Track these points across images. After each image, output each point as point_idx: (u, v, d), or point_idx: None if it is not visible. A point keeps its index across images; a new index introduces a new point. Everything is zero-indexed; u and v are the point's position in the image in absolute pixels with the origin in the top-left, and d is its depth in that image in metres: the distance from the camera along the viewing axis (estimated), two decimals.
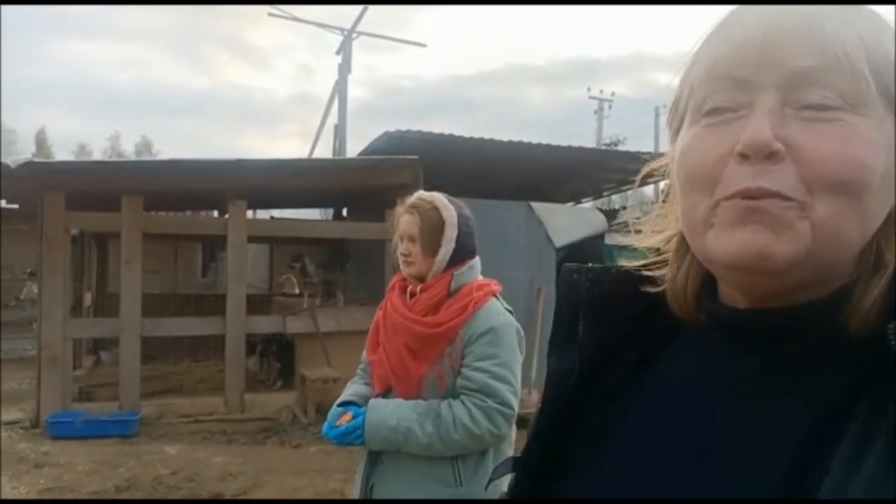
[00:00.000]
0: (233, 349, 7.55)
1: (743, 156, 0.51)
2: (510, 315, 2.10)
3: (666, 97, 0.61)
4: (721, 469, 0.53)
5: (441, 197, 2.16)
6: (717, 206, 0.53)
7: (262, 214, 11.18)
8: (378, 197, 7.39)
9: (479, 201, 6.45)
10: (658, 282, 0.65)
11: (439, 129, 7.92)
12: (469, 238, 2.14)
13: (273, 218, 11.18)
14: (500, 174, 9.49)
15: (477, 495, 1.98)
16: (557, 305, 0.70)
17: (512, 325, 2.08)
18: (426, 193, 2.19)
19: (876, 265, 0.53)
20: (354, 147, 12.23)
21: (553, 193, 10.63)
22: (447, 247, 2.09)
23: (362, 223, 8.53)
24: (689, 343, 0.63)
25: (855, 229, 0.51)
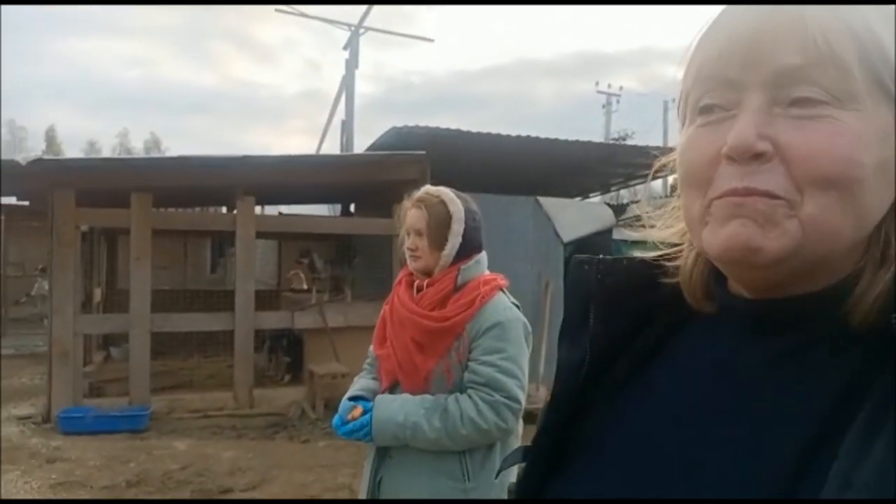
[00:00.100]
0: (242, 345, 7.58)
1: (730, 158, 0.52)
2: (517, 309, 2.10)
3: (674, 91, 0.62)
4: (729, 454, 0.54)
5: (448, 191, 2.15)
6: (711, 206, 0.54)
7: (271, 210, 11.21)
8: (385, 192, 7.39)
9: (487, 196, 6.44)
10: (670, 273, 0.66)
11: (447, 125, 7.94)
12: (476, 232, 2.14)
13: (281, 214, 11.21)
14: (508, 169, 9.48)
15: (484, 489, 1.98)
16: (568, 297, 0.70)
17: (519, 320, 2.07)
18: (433, 188, 2.18)
19: (883, 257, 0.53)
20: (362, 143, 12.22)
21: (561, 188, 10.61)
22: (454, 241, 2.08)
23: (370, 219, 8.56)
24: (699, 332, 0.64)
25: (848, 224, 0.51)
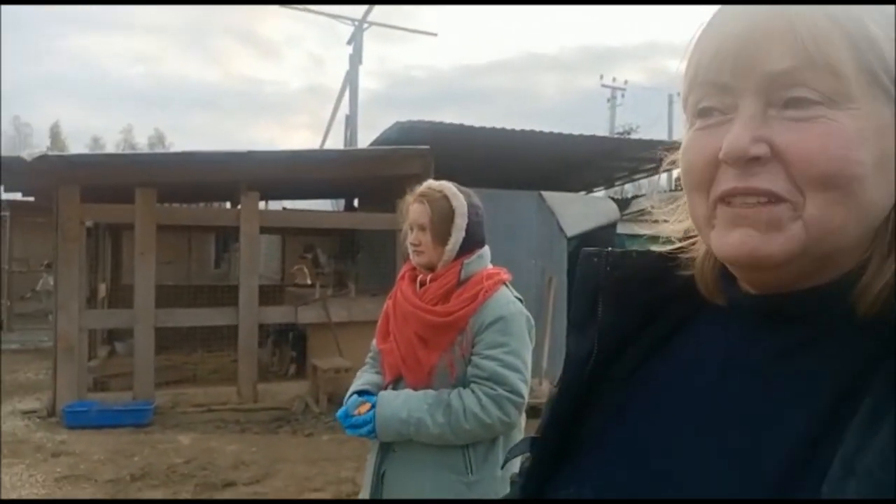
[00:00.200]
0: (245, 339, 7.59)
1: (727, 163, 0.53)
2: (520, 303, 2.10)
3: (679, 85, 0.62)
4: (737, 445, 0.54)
5: (450, 186, 2.15)
6: (716, 208, 0.56)
7: (275, 205, 11.22)
8: (389, 187, 7.38)
9: (491, 191, 6.43)
10: (683, 265, 0.67)
11: (451, 120, 7.92)
12: (479, 227, 2.13)
13: (285, 209, 11.21)
14: (512, 164, 9.46)
15: (487, 482, 1.99)
16: (576, 290, 0.70)
17: (522, 314, 2.07)
18: (435, 182, 2.18)
19: (890, 248, 0.53)
20: (366, 137, 12.23)
21: (565, 183, 10.58)
22: (457, 236, 2.08)
23: (373, 213, 8.54)
24: (709, 325, 0.64)
25: (851, 221, 0.52)
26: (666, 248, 0.69)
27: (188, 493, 4.93)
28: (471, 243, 2.11)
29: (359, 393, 2.12)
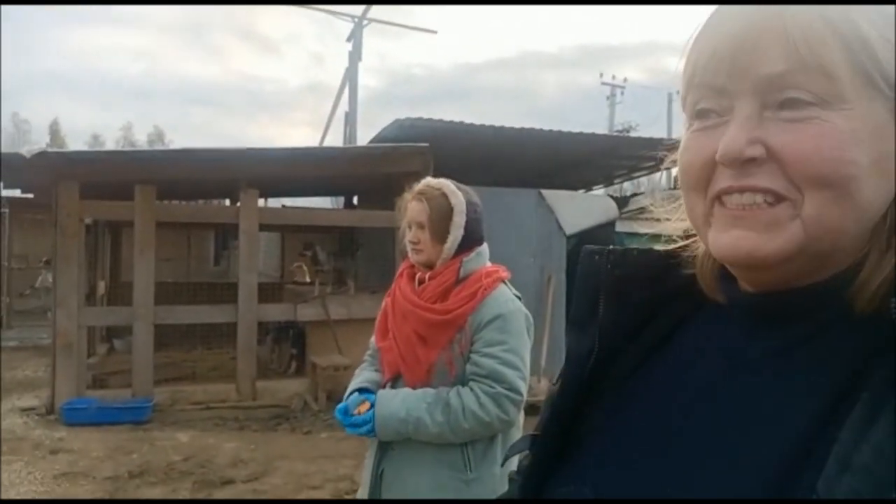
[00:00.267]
0: (245, 337, 7.59)
1: (723, 164, 0.54)
2: (519, 301, 2.10)
3: (678, 83, 0.63)
4: (736, 442, 0.55)
5: (449, 183, 2.15)
6: (713, 206, 0.57)
7: (274, 203, 11.21)
8: (388, 185, 7.37)
9: (490, 189, 6.43)
10: (685, 263, 0.67)
11: (450, 117, 7.89)
12: (477, 224, 2.13)
13: (284, 206, 11.20)
14: (511, 162, 9.45)
15: (486, 480, 1.99)
16: (577, 287, 0.71)
17: (521, 312, 2.07)
18: (434, 180, 2.17)
19: (888, 245, 0.54)
20: (365, 135, 12.21)
21: (564, 181, 10.58)
22: (456, 233, 2.08)
23: (373, 211, 8.53)
24: (709, 322, 0.65)
25: (848, 220, 0.53)
26: (667, 247, 0.69)
27: (186, 491, 4.94)
28: (469, 241, 2.10)
29: (358, 391, 2.11)
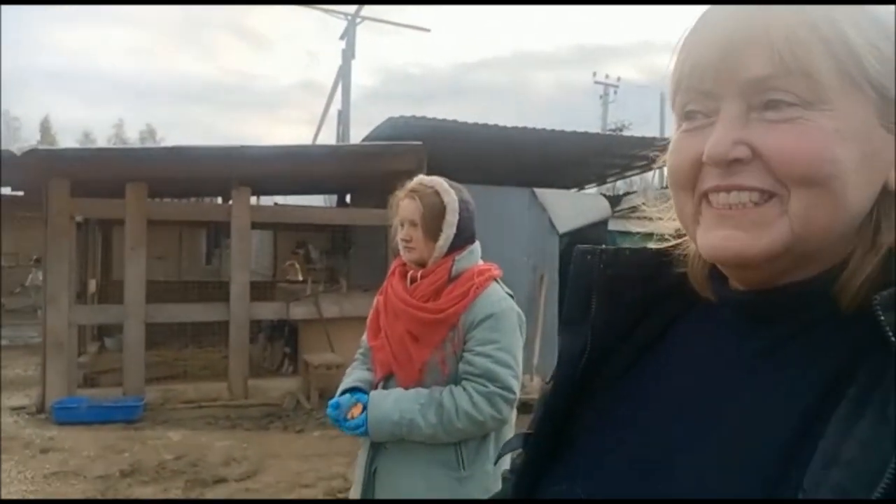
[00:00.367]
0: (236, 335, 7.57)
1: (709, 164, 0.56)
2: (511, 299, 2.09)
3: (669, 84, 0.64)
4: (726, 439, 0.55)
5: (441, 181, 2.14)
6: (701, 204, 0.58)
7: (266, 201, 11.18)
8: (382, 183, 7.33)
9: (483, 187, 6.43)
10: (677, 261, 0.68)
11: (444, 116, 7.89)
12: (469, 223, 2.13)
13: (277, 204, 11.18)
14: (504, 160, 9.45)
15: (479, 478, 1.99)
16: (570, 287, 0.71)
17: (513, 310, 2.07)
18: (426, 178, 2.17)
19: (873, 242, 0.55)
20: (359, 134, 12.19)
21: (557, 179, 10.59)
22: (448, 232, 2.07)
23: (366, 209, 8.52)
24: (700, 321, 0.66)
25: (834, 217, 0.54)
26: (659, 246, 0.70)
27: (178, 490, 4.92)
28: (461, 239, 2.10)
29: (350, 391, 2.11)
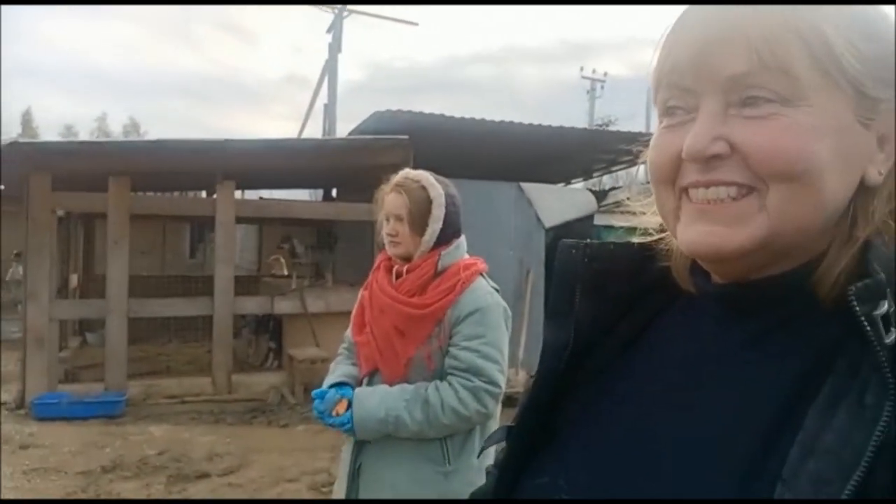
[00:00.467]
0: (220, 330, 7.52)
1: (688, 160, 0.57)
2: (497, 294, 2.09)
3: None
4: (707, 432, 0.56)
5: (427, 175, 2.12)
6: (681, 200, 0.59)
7: (251, 195, 11.11)
8: (368, 177, 7.30)
9: (470, 182, 6.41)
10: (660, 256, 0.69)
11: (431, 110, 7.86)
12: (456, 217, 2.11)
13: (262, 199, 11.11)
14: (491, 154, 9.45)
15: (464, 472, 1.98)
16: (555, 281, 0.71)
17: (499, 305, 2.06)
18: (412, 172, 2.15)
19: (850, 235, 0.56)
20: (345, 128, 12.12)
21: (543, 174, 10.60)
22: (435, 226, 2.06)
23: (351, 204, 8.48)
24: (682, 314, 0.66)
25: (812, 211, 0.55)
26: (643, 240, 0.70)
27: (160, 485, 4.88)
28: (448, 234, 2.09)
29: (336, 386, 2.08)
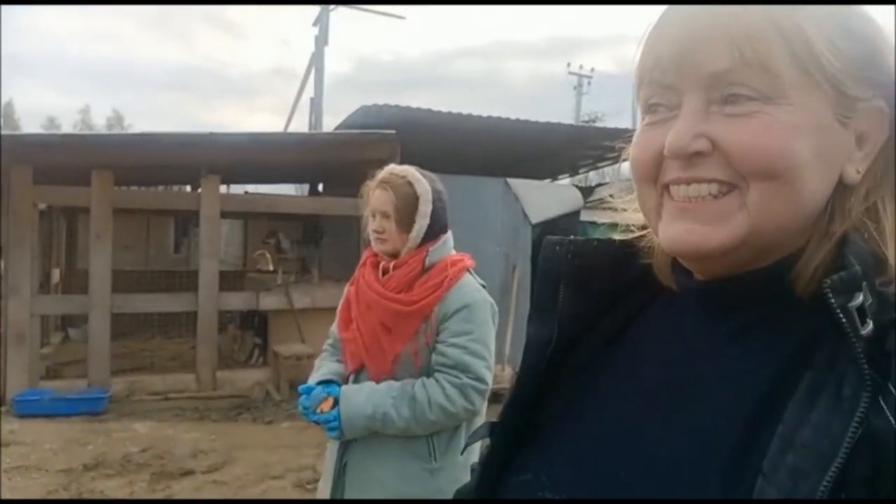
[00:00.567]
0: (205, 326, 7.46)
1: (670, 157, 0.57)
2: (484, 290, 2.08)
3: None
4: (688, 428, 0.57)
5: (414, 171, 2.10)
6: (662, 197, 0.59)
7: (237, 189, 11.03)
8: (354, 172, 7.27)
9: (456, 177, 6.40)
10: (643, 253, 0.69)
11: (418, 104, 7.83)
12: (442, 213, 2.10)
13: (247, 193, 11.02)
14: (478, 150, 9.43)
15: (450, 469, 1.98)
16: (538, 277, 0.71)
17: (486, 301, 2.06)
18: (398, 167, 2.13)
19: (827, 231, 0.56)
20: (331, 122, 12.04)
21: (530, 170, 10.60)
22: (422, 222, 2.05)
23: (338, 199, 8.42)
24: (664, 311, 0.67)
25: (792, 209, 0.55)
26: (626, 236, 0.71)
27: (144, 483, 4.84)
28: (435, 230, 2.07)
29: (323, 384, 2.06)
